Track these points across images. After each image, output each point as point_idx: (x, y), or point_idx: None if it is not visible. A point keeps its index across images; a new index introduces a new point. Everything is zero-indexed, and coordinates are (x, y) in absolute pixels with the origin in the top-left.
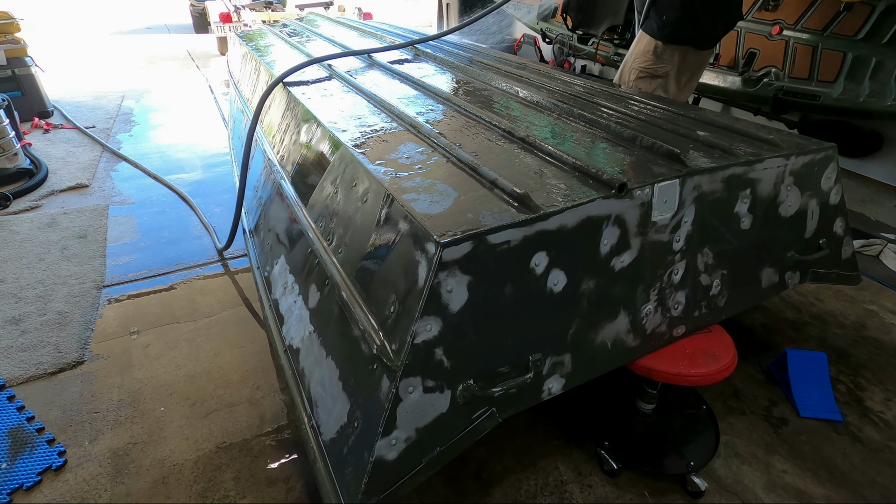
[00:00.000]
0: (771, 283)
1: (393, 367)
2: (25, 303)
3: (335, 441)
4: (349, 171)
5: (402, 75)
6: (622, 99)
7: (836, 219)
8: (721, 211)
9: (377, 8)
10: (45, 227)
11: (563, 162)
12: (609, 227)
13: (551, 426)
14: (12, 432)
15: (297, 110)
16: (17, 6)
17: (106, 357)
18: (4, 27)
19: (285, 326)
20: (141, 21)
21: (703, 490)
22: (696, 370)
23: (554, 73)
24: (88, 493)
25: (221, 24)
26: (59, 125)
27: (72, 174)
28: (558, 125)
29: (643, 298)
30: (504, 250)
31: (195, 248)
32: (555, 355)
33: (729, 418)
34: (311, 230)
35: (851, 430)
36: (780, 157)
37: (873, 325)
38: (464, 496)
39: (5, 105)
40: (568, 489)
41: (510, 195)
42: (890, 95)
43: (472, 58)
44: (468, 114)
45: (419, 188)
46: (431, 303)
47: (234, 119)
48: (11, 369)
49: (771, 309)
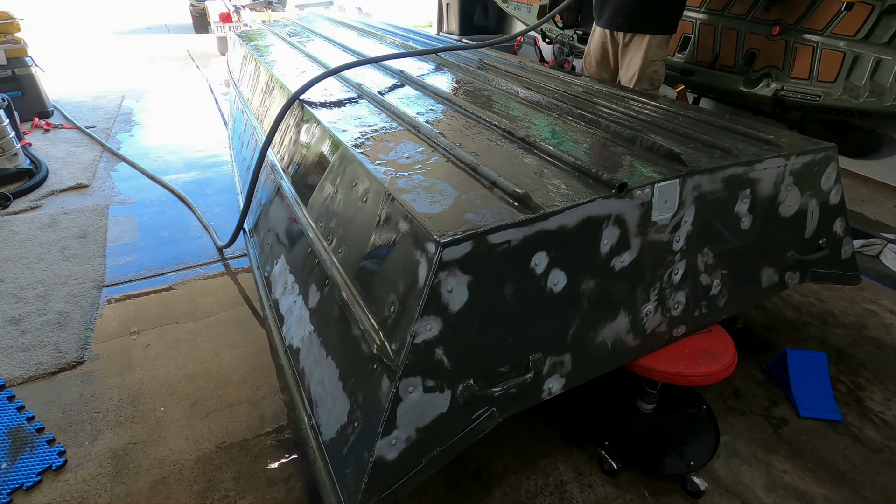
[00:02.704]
0: (771, 283)
1: (393, 366)
2: (25, 303)
3: (335, 441)
4: (349, 170)
5: (402, 75)
6: (622, 99)
7: (836, 219)
8: (721, 211)
9: (377, 8)
10: (45, 227)
11: (563, 162)
12: (609, 227)
13: (551, 426)
14: (12, 432)
15: (296, 110)
16: (17, 6)
17: (106, 357)
18: (4, 27)
19: (285, 326)
20: (141, 21)
21: (703, 490)
22: (696, 370)
23: (554, 73)
24: (88, 493)
25: (221, 24)
26: (59, 125)
27: (72, 174)
28: (558, 125)
29: (643, 298)
30: (504, 250)
31: (195, 248)
32: (555, 355)
33: (729, 418)
34: (312, 230)
35: (851, 430)
36: (780, 157)
37: (873, 325)
38: (464, 496)
39: (5, 105)
40: (568, 489)
41: (510, 195)
42: (890, 95)
43: (471, 58)
44: (468, 114)
45: (419, 188)
46: (431, 303)
47: (234, 119)
48: (11, 369)
49: (771, 309)
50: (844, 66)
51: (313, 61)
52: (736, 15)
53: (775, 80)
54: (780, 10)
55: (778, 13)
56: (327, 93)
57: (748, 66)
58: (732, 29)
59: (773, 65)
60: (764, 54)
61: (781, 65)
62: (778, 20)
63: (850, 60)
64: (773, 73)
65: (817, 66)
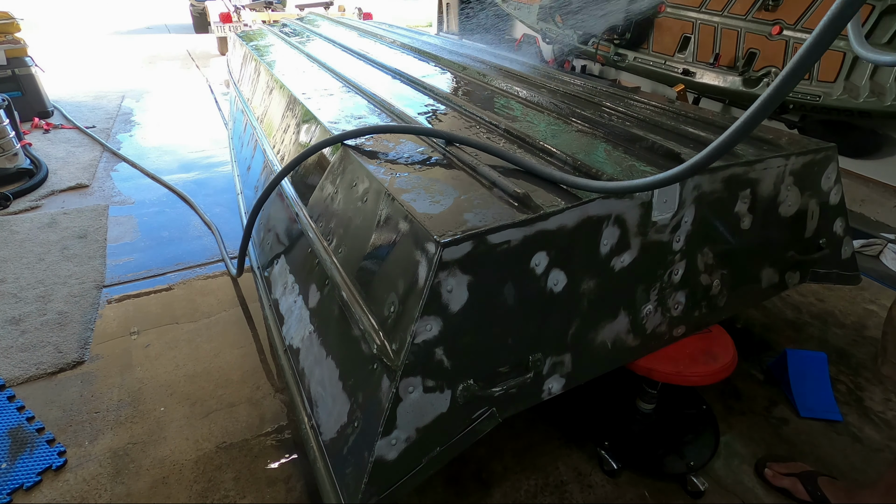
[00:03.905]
0: (771, 283)
1: (393, 366)
2: (25, 303)
3: (335, 441)
4: (349, 170)
5: (402, 75)
6: (622, 99)
7: (836, 219)
8: (721, 211)
9: (377, 8)
10: (45, 227)
11: (564, 161)
12: (609, 227)
13: (551, 426)
14: (12, 432)
15: (296, 110)
16: (17, 6)
17: (106, 357)
18: (4, 27)
19: (285, 326)
20: (141, 21)
21: (703, 490)
22: (696, 370)
23: (554, 73)
24: (88, 493)
25: (221, 24)
26: (59, 125)
27: (72, 174)
28: (558, 125)
29: (643, 298)
30: (504, 250)
31: (195, 248)
32: (555, 355)
33: (729, 418)
34: (311, 230)
35: (851, 430)
36: (780, 157)
37: (873, 325)
38: (464, 496)
39: (5, 105)
40: (568, 489)
41: (510, 195)
42: (890, 95)
43: (471, 57)
44: (468, 113)
45: (419, 188)
46: (431, 303)
47: (234, 119)
48: (11, 369)
49: (771, 309)
50: (844, 66)
51: (313, 62)
52: (736, 15)
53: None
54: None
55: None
56: (327, 92)
57: (748, 66)
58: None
59: (773, 65)
60: (764, 54)
61: (781, 65)
62: (777, 20)
63: (850, 60)
64: (773, 72)
65: (817, 66)
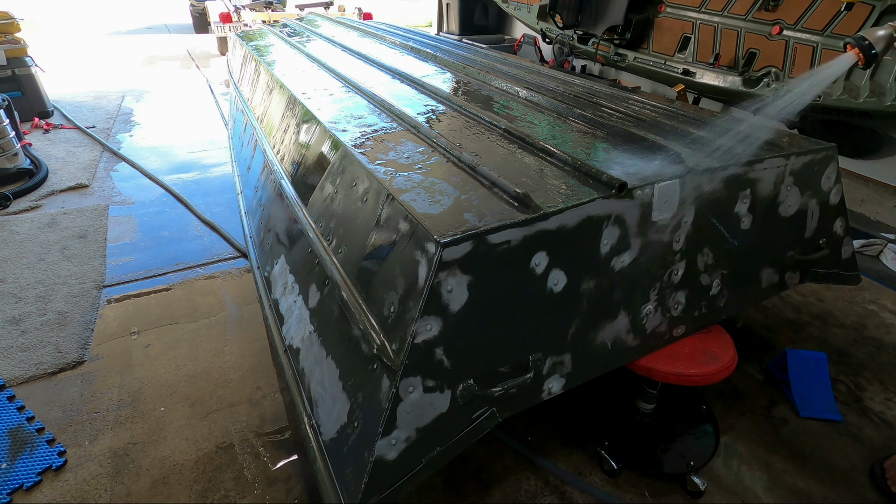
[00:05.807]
0: (771, 283)
1: (393, 366)
2: (25, 303)
3: (335, 441)
4: (349, 171)
5: (402, 75)
6: (622, 99)
7: (836, 219)
8: (721, 211)
9: (377, 8)
10: (45, 227)
11: (563, 162)
12: (609, 227)
13: (551, 426)
14: (12, 432)
15: (297, 110)
16: (17, 6)
17: (106, 357)
18: (4, 27)
19: (285, 326)
20: (141, 21)
21: (703, 490)
22: (696, 370)
23: (554, 73)
24: (88, 493)
25: (221, 24)
26: (59, 125)
27: (72, 174)
28: (558, 125)
29: (643, 298)
30: (504, 250)
31: (195, 248)
32: (555, 355)
33: (729, 418)
34: (311, 230)
35: (851, 430)
36: (780, 157)
37: (873, 325)
38: (464, 496)
39: (5, 105)
40: (568, 489)
41: (510, 195)
42: (890, 95)
43: (471, 57)
44: (468, 113)
45: (419, 188)
46: (432, 303)
47: (234, 119)
48: (11, 369)
49: (771, 309)
50: None
51: (313, 62)
52: (736, 15)
53: (775, 80)
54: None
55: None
56: (327, 92)
57: (748, 66)
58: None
59: (773, 65)
60: (764, 54)
61: (781, 65)
62: (777, 20)
63: None
64: (773, 72)
65: (817, 66)
